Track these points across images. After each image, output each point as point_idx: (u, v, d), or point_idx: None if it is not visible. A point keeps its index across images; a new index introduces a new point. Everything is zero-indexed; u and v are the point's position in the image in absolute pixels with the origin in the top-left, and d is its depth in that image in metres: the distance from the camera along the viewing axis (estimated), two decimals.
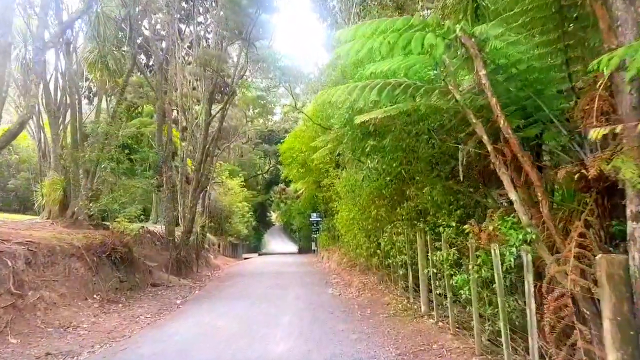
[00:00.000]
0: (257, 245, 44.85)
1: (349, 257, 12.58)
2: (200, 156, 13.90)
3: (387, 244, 7.98)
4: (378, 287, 8.85)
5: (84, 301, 7.68)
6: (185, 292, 10.60)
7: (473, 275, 4.19)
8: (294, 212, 32.38)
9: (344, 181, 10.33)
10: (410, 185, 7.41)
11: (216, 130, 14.38)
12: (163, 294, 9.95)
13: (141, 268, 10.87)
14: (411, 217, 7.67)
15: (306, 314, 6.99)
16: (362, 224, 9.74)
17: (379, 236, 8.99)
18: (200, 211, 19.48)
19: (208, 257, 19.69)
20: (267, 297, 8.97)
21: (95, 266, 8.62)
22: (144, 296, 9.50)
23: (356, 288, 9.37)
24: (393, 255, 7.74)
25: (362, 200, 9.64)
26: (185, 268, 14.04)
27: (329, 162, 15.68)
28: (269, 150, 37.61)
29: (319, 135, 15.79)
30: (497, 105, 3.87)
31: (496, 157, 4.09)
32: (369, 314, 6.83)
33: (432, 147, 6.60)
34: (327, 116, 13.28)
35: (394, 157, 6.90)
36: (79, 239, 8.90)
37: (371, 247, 9.22)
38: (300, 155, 18.68)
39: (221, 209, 27.26)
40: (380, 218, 9.00)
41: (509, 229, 4.00)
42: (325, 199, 16.86)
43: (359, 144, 7.61)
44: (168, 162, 13.83)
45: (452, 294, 4.93)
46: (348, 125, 7.81)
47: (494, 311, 3.98)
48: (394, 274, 8.16)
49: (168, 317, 7.55)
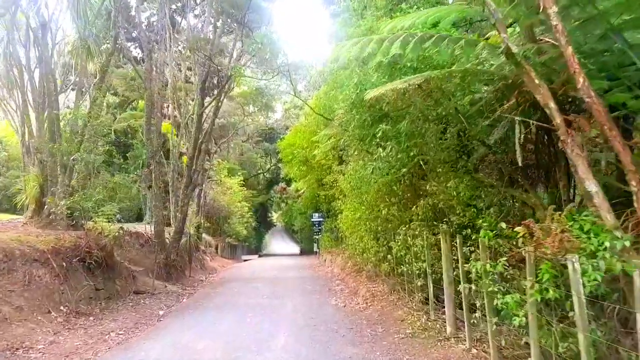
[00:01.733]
0: (258, 246, 43.70)
1: (354, 261, 11.42)
2: (193, 151, 12.78)
3: (401, 249, 6.82)
4: (389, 297, 7.69)
5: (46, 315, 6.56)
6: (171, 300, 9.47)
7: (532, 295, 3.04)
8: (295, 212, 31.28)
9: (349, 177, 9.18)
10: (430, 179, 6.26)
11: (210, 123, 13.26)
12: (145, 304, 8.83)
13: (123, 273, 9.75)
14: (428, 217, 6.53)
15: (305, 333, 5.84)
16: (370, 225, 8.59)
17: (389, 239, 7.84)
18: (195, 211, 18.40)
19: (204, 259, 18.58)
20: (262, 308, 7.83)
21: (64, 273, 7.50)
22: (123, 306, 8.38)
23: (363, 298, 8.21)
24: (408, 261, 6.59)
25: (369, 198, 8.50)
26: (176, 272, 12.93)
27: (331, 158, 14.56)
28: (270, 149, 36.50)
29: (320, 130, 14.70)
30: (574, 58, 2.72)
31: (567, 133, 2.94)
32: (380, 333, 5.68)
33: (459, 132, 5.46)
34: (329, 108, 12.17)
35: (411, 144, 5.75)
36: (46, 242, 7.80)
37: (381, 252, 8.07)
38: (301, 152, 17.56)
39: (219, 209, 26.17)
40: (391, 218, 7.85)
41: (586, 232, 2.86)
42: (327, 198, 15.71)
43: (368, 131, 6.46)
44: (157, 157, 12.74)
45: (494, 314, 3.77)
46: (355, 110, 6.67)
47: (568, 346, 2.83)
48: (409, 284, 7.00)
49: (143, 334, 6.42)
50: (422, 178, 7.35)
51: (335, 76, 10.70)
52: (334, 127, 12.28)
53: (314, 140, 14.84)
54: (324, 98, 12.71)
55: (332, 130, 12.73)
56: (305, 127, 17.85)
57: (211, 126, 13.29)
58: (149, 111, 12.62)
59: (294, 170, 19.47)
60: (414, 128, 5.57)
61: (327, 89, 12.10)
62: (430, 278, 5.78)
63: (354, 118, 6.42)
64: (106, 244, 8.70)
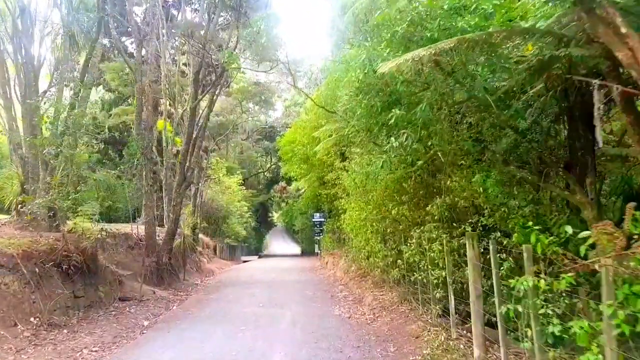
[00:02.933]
0: (259, 247, 42.91)
1: (358, 264, 10.61)
2: (186, 146, 11.98)
3: (414, 254, 6.01)
4: (399, 307, 6.87)
5: (10, 329, 5.77)
6: (160, 308, 8.68)
7: (613, 325, 2.22)
8: (296, 212, 30.49)
9: (353, 174, 8.37)
10: (448, 173, 5.45)
11: (205, 118, 12.46)
12: (130, 312, 8.04)
13: (108, 278, 8.95)
14: (444, 217, 5.72)
15: (304, 353, 5.03)
16: (377, 226, 7.78)
17: (399, 242, 7.03)
18: (191, 210, 17.61)
19: (200, 261, 17.78)
20: (257, 320, 7.02)
21: (35, 280, 6.71)
22: (105, 316, 7.59)
23: (370, 308, 7.41)
24: (423, 268, 5.77)
25: (376, 197, 7.70)
26: (169, 276, 12.14)
27: (333, 155, 13.75)
28: (270, 147, 35.68)
29: (322, 125, 13.90)
30: None
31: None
32: (393, 354, 4.88)
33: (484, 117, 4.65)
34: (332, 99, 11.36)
35: (428, 133, 4.94)
36: (18, 245, 7.00)
37: (390, 256, 7.25)
38: (302, 150, 16.73)
39: (218, 209, 25.37)
40: (401, 219, 7.05)
41: None
42: (329, 197, 14.90)
43: (376, 119, 5.64)
44: (148, 152, 11.95)
45: (548, 343, 2.95)
46: (362, 95, 5.83)
47: None
48: (424, 294, 6.18)
49: (121, 350, 5.63)
50: (434, 175, 6.56)
51: (339, 55, 9.91)
52: (337, 121, 11.48)
53: (315, 137, 14.03)
54: (326, 89, 11.90)
55: (335, 124, 11.93)
56: (305, 123, 17.03)
57: (206, 121, 12.48)
58: (140, 105, 11.83)
59: (294, 168, 18.65)
60: (432, 114, 4.75)
61: (329, 79, 11.30)
62: (452, 289, 4.97)
63: (361, 104, 5.60)
64: (87, 246, 7.90)
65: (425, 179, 6.33)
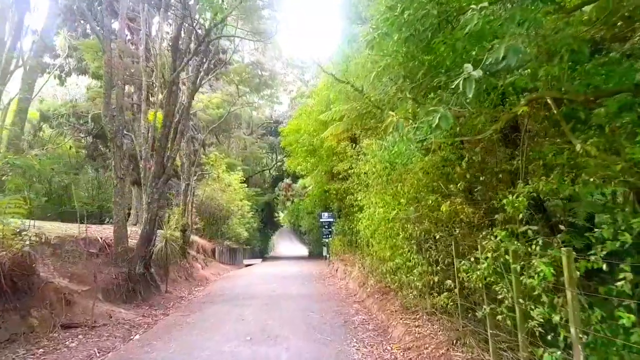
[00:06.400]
0: (264, 249, 40.72)
1: (378, 276, 8.27)
2: (166, 130, 9.76)
3: (484, 274, 3.64)
4: (450, 352, 4.51)
5: None
6: (115, 338, 6.46)
7: None
8: (302, 212, 28.20)
9: (375, 154, 6.06)
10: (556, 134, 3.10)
11: (188, 96, 10.24)
12: (70, 347, 5.83)
13: (48, 299, 6.76)
14: (526, 216, 3.37)
15: None
16: (412, 230, 5.43)
17: (448, 254, 4.70)
18: (182, 210, 15.44)
19: (193, 267, 15.59)
20: None
21: None
22: (28, 354, 5.39)
23: (402, 347, 5.07)
24: (507, 300, 3.41)
25: (408, 189, 5.36)
26: (146, 289, 9.95)
27: (344, 141, 11.47)
28: (275, 144, 33.47)
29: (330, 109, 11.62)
30: None
31: None
32: None
33: None
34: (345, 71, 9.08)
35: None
36: None
37: (435, 275, 4.89)
38: (307, 139, 14.42)
39: (217, 209, 23.23)
40: (451, 221, 4.70)
41: None
42: (339, 193, 12.59)
43: (428, 49, 3.31)
44: (119, 139, 9.77)
45: None
46: (396, 23, 3.51)
47: None
48: (495, 337, 3.81)
49: None
50: (515, 144, 4.21)
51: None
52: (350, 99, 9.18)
53: (323, 120, 11.71)
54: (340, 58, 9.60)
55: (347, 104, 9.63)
56: (311, 108, 14.74)
57: (190, 100, 10.25)
58: (108, 80, 9.66)
59: (299, 160, 16.33)
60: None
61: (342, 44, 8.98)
62: (579, 343, 2.60)
63: (400, 22, 3.28)
64: (5, 257, 5.71)
65: (499, 153, 3.97)
